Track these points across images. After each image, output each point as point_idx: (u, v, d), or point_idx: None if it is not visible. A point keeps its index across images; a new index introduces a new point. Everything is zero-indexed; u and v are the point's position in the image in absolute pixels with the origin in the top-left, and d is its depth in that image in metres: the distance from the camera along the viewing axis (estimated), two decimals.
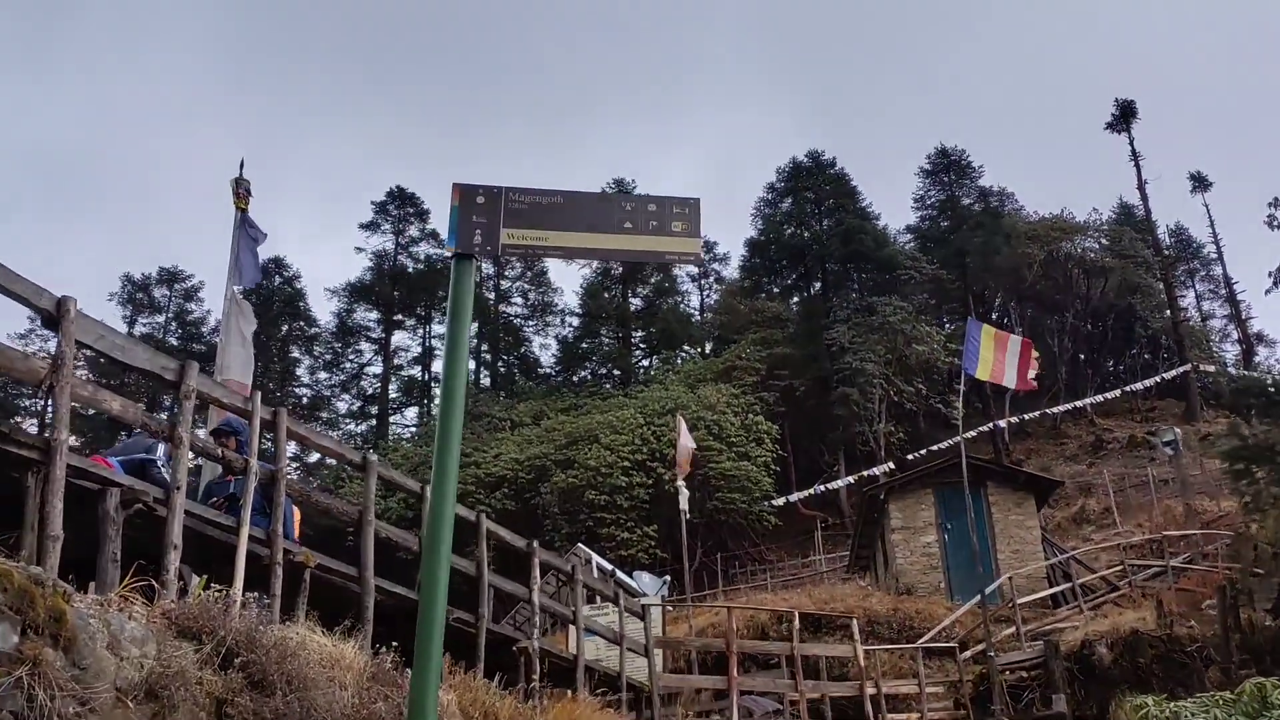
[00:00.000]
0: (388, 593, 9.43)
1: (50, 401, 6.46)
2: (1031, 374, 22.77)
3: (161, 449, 7.91)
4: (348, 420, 64.86)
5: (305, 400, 63.33)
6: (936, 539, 24.37)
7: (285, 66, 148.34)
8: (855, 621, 17.36)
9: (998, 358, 22.02)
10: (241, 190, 13.68)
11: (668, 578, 31.84)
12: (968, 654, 18.89)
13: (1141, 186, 59.13)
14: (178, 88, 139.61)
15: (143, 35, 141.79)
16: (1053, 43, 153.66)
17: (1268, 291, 38.82)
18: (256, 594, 7.53)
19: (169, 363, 7.60)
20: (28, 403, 52.76)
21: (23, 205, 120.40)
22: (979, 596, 19.39)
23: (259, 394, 8.45)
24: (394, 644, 7.20)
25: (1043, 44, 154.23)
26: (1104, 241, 60.26)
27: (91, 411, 45.84)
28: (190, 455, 7.87)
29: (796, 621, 16.72)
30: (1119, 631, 18.62)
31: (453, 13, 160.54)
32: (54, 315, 6.45)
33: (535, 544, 12.21)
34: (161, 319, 64.27)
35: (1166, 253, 62.25)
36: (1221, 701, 12.46)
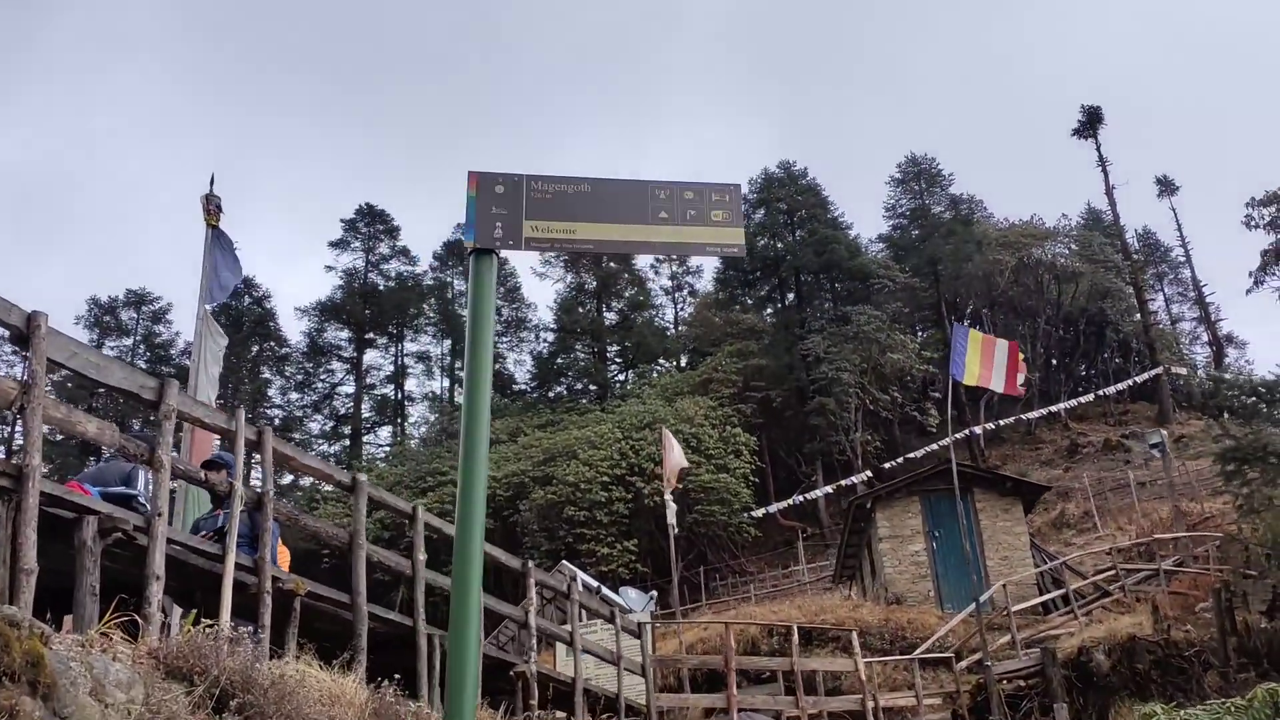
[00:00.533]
0: (381, 619, 8.97)
1: (21, 424, 6.00)
2: (1021, 379, 22.61)
3: (142, 478, 7.43)
4: (320, 441, 64.00)
5: (278, 421, 62.36)
6: (925, 547, 24.07)
7: (256, 86, 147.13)
8: (855, 634, 16.96)
9: (984, 363, 21.85)
10: (212, 206, 13.25)
11: (654, 593, 31.38)
12: (963, 664, 18.57)
13: (1109, 191, 59.49)
14: (147, 110, 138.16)
15: (110, 57, 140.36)
16: (1019, 50, 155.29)
17: (1248, 291, 39.06)
18: (249, 627, 7.06)
19: (148, 381, 7.13)
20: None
21: None
22: (973, 605, 19.09)
23: (242, 412, 7.97)
24: (395, 676, 6.75)
25: (1009, 51, 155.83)
26: (1074, 247, 60.53)
27: (60, 437, 44.92)
28: (172, 480, 7.43)
29: (796, 635, 16.31)
30: (1115, 637, 18.34)
31: (423, 30, 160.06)
32: (24, 332, 5.99)
33: (530, 564, 11.75)
34: (129, 342, 63.24)
35: (1135, 257, 62.64)
36: (1233, 708, 12.15)
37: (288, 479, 52.98)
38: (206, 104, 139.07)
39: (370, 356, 66.08)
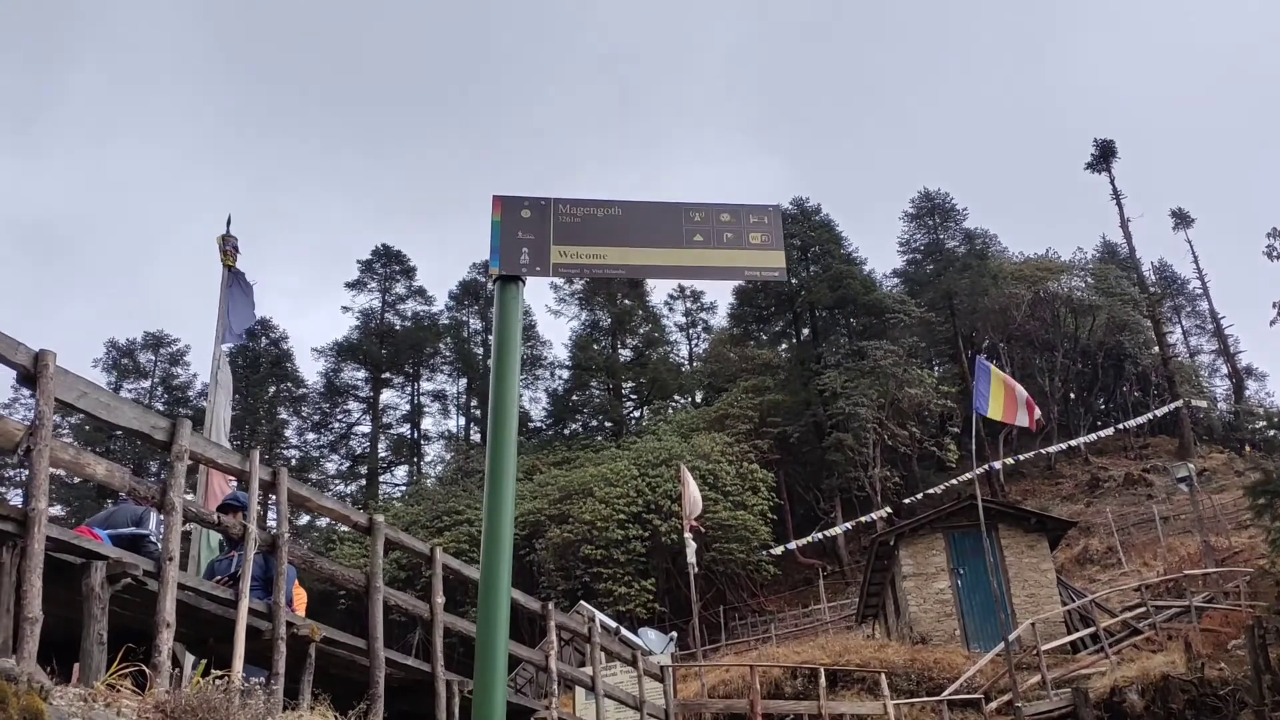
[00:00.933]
0: (398, 665, 8.67)
1: (28, 467, 5.77)
2: (1038, 414, 22.27)
3: (154, 520, 7.19)
4: (337, 481, 63.77)
5: (294, 461, 62.17)
6: (950, 585, 23.57)
7: (275, 131, 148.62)
8: (883, 676, 16.50)
9: (1008, 397, 21.50)
10: (229, 247, 13.14)
11: (674, 634, 30.87)
12: (993, 705, 18.07)
13: (1124, 224, 59.24)
14: (167, 155, 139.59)
15: (132, 104, 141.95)
16: (1032, 85, 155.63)
17: (1272, 322, 38.47)
18: (262, 676, 6.78)
19: (159, 421, 6.90)
20: (11, 472, 51.56)
21: (13, 278, 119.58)
22: (1002, 644, 18.61)
23: (256, 453, 7.73)
24: None
25: (1022, 87, 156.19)
26: (1090, 280, 60.21)
27: (78, 480, 44.81)
28: (184, 523, 7.20)
29: (823, 679, 15.87)
30: (1148, 676, 17.86)
31: (439, 73, 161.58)
32: (31, 372, 5.77)
33: (550, 606, 11.44)
34: (147, 384, 63.33)
35: (1152, 290, 62.23)
36: None
37: (304, 519, 52.74)
38: (226, 149, 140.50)
39: (386, 396, 66.10)
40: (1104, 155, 59.30)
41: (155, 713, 4.65)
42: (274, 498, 8.00)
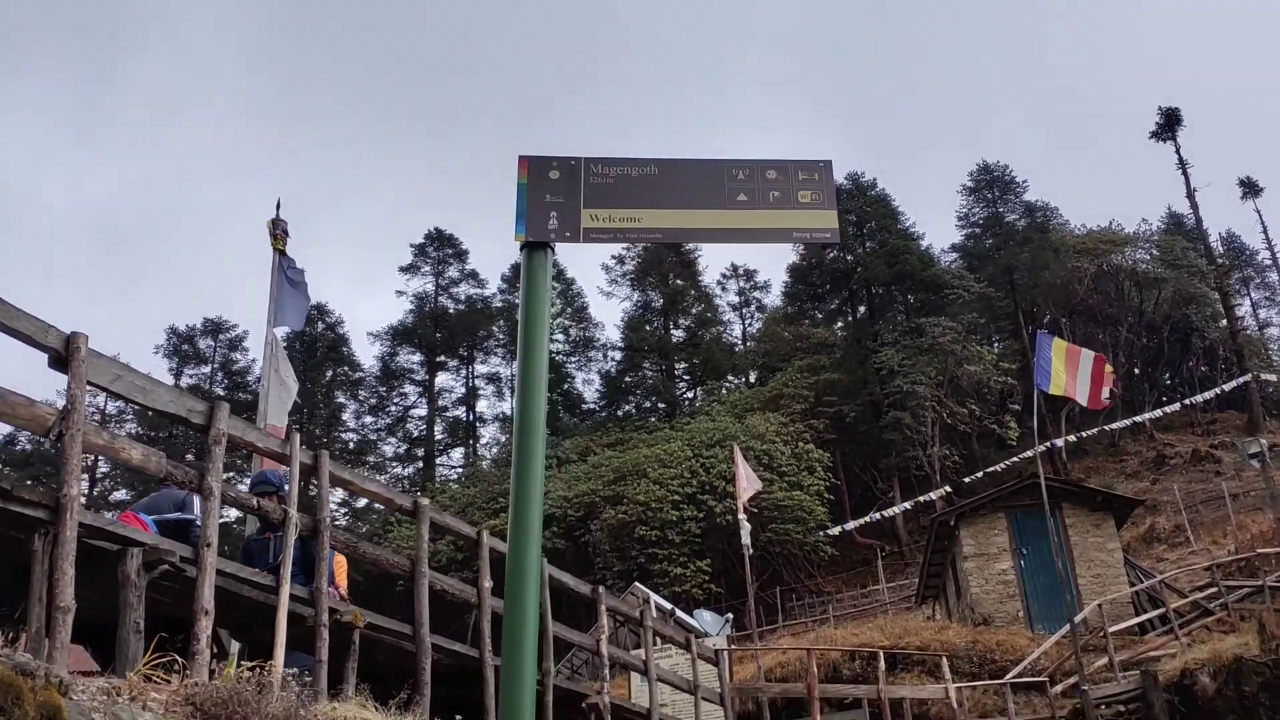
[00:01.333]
0: (445, 650, 8.51)
1: (59, 452, 5.64)
2: (1106, 392, 21.62)
3: (198, 504, 7.07)
4: (394, 463, 64.34)
5: (352, 445, 62.89)
6: (1012, 565, 23.04)
7: (327, 115, 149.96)
8: (945, 659, 16.11)
9: (1070, 373, 20.89)
10: (279, 231, 13.09)
11: (730, 615, 30.64)
12: (1058, 688, 17.57)
13: (1191, 195, 57.54)
14: (223, 143, 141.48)
15: (185, 93, 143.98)
16: (1092, 52, 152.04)
17: None
18: (306, 664, 6.64)
19: (196, 404, 6.76)
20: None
21: (81, 271, 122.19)
22: (1067, 626, 18.11)
23: (297, 436, 7.58)
24: (456, 716, 6.27)
25: (1082, 54, 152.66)
26: (1155, 252, 58.66)
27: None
28: (224, 508, 7.07)
29: (882, 662, 15.53)
30: (1220, 659, 17.26)
31: (491, 45, 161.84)
32: (62, 355, 5.64)
33: (601, 590, 11.23)
34: (207, 370, 64.27)
35: (1220, 261, 60.46)
36: None
37: (362, 502, 53.25)
38: (283, 134, 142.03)
39: (442, 379, 66.41)
40: (1169, 123, 57.64)
41: (184, 705, 4.48)
42: (316, 481, 7.86)
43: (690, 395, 63.28)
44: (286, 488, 7.47)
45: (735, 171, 3.42)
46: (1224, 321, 56.69)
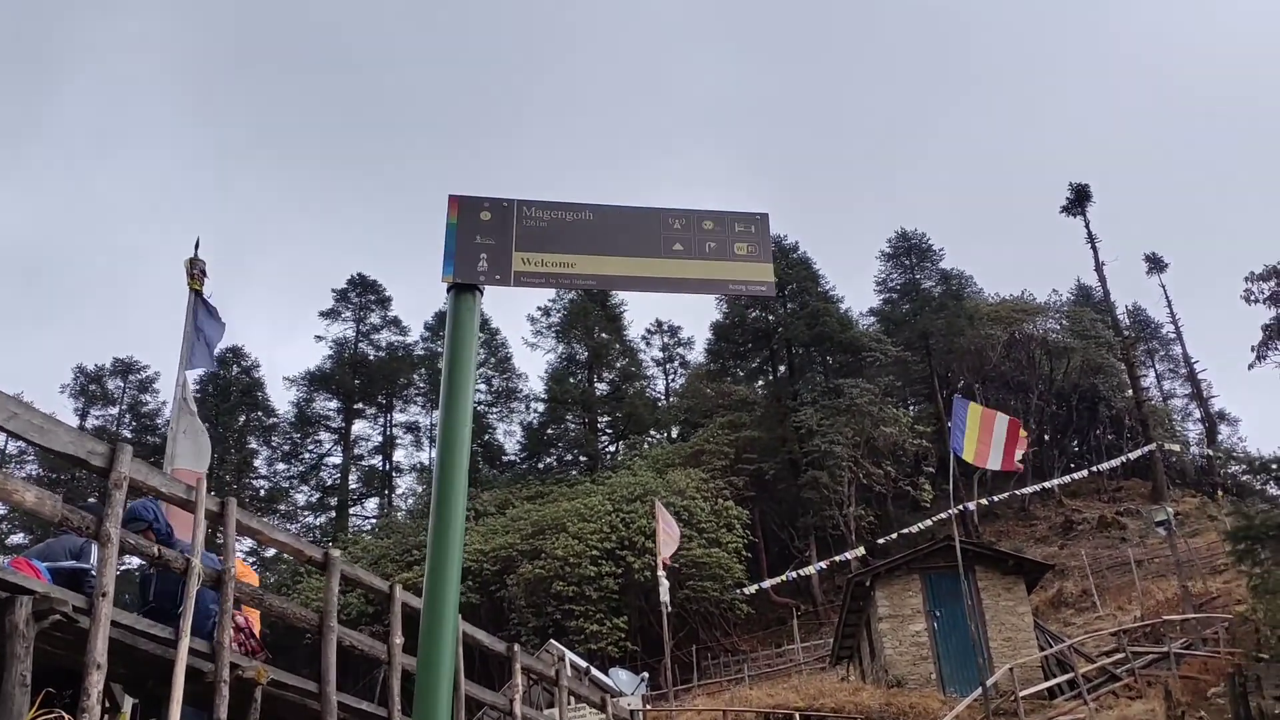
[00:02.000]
0: (352, 710, 8.18)
1: None
2: (1019, 454, 21.99)
3: (95, 553, 6.70)
4: (306, 513, 62.87)
5: (263, 492, 61.32)
6: (926, 627, 23.15)
7: (255, 157, 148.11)
8: None
9: (983, 438, 21.23)
10: (196, 271, 12.70)
11: (645, 674, 30.25)
12: None
13: (1099, 268, 59.32)
14: (146, 182, 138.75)
15: (113, 133, 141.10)
16: (1008, 130, 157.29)
17: (1250, 366, 38.85)
18: None
19: (97, 446, 6.45)
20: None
21: None
22: (979, 689, 18.19)
23: (204, 483, 7.26)
24: None
25: (998, 131, 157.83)
26: (1065, 323, 60.40)
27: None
28: (124, 556, 6.72)
29: None
30: None
31: (417, 100, 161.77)
32: None
33: (516, 648, 10.95)
34: (115, 411, 62.36)
35: (1126, 333, 62.38)
36: None
37: (271, 552, 51.77)
38: (207, 173, 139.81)
39: (359, 427, 65.26)
40: (1079, 199, 59.57)
41: None
42: (223, 530, 7.54)
43: (612, 449, 63.07)
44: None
45: (671, 220, 3.35)
46: (1130, 391, 58.32)
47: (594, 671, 24.35)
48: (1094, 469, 52.19)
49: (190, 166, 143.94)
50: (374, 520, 61.22)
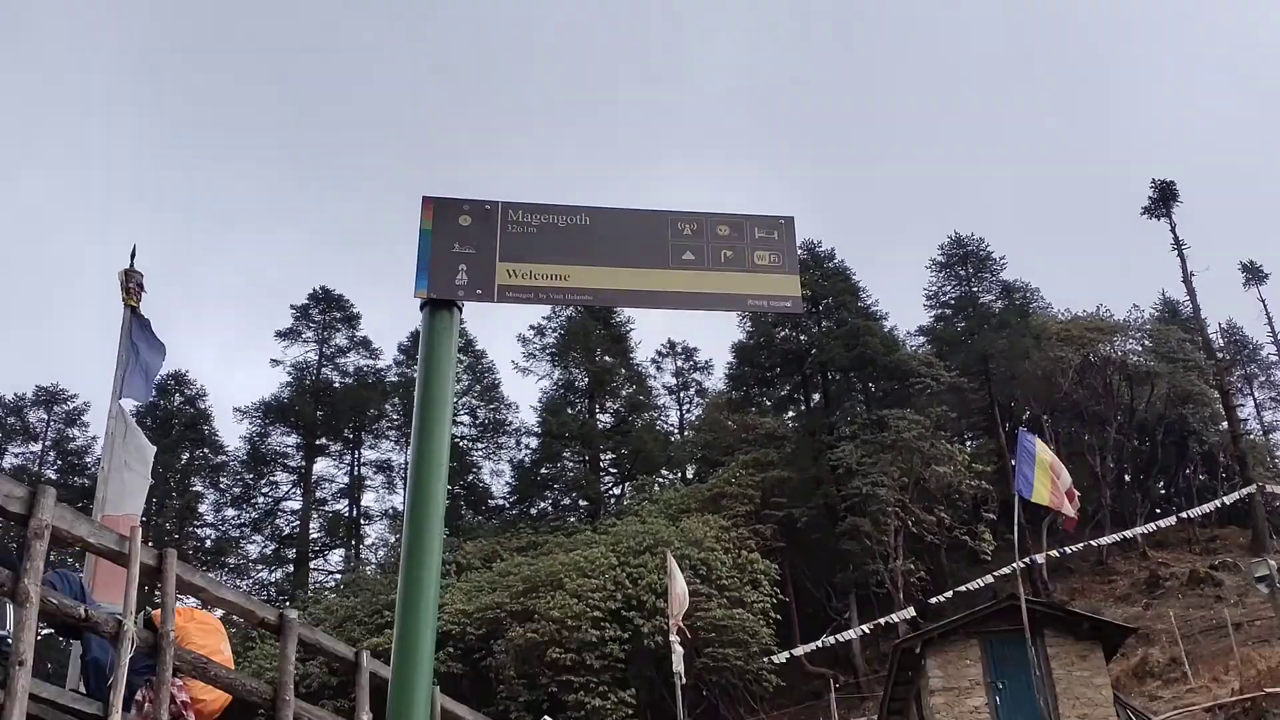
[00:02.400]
0: None
1: None
2: (1073, 509, 22.03)
3: (10, 615, 6.71)
4: (260, 567, 62.91)
5: (209, 543, 61.43)
6: (986, 701, 23.10)
7: (201, 159, 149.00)
8: None
9: (1055, 478, 21.19)
10: (132, 284, 12.76)
11: None
12: None
13: (1188, 279, 59.44)
14: (76, 187, 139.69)
15: (39, 134, 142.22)
16: (1079, 119, 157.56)
17: None
18: None
19: (15, 489, 6.48)
20: None
21: None
22: None
23: (139, 532, 7.29)
24: None
25: (1067, 120, 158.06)
26: (1147, 343, 60.39)
27: None
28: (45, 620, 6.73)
29: None
30: None
31: (398, 86, 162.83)
32: None
33: None
34: (38, 448, 62.58)
35: (1220, 355, 62.35)
36: None
37: (219, 613, 51.73)
38: (148, 174, 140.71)
39: (321, 466, 65.34)
40: (1164, 198, 59.73)
41: None
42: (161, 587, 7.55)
43: (617, 492, 63.09)
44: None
45: (681, 225, 3.35)
46: (1224, 424, 58.21)
47: None
48: (1183, 515, 52.05)
49: (126, 159, 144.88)
50: (339, 575, 61.27)
